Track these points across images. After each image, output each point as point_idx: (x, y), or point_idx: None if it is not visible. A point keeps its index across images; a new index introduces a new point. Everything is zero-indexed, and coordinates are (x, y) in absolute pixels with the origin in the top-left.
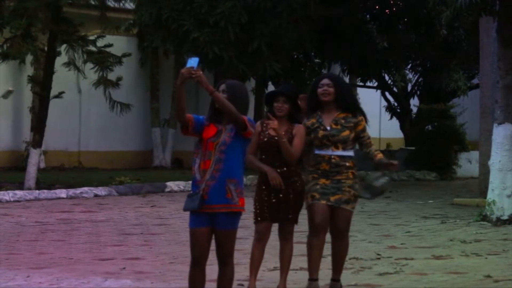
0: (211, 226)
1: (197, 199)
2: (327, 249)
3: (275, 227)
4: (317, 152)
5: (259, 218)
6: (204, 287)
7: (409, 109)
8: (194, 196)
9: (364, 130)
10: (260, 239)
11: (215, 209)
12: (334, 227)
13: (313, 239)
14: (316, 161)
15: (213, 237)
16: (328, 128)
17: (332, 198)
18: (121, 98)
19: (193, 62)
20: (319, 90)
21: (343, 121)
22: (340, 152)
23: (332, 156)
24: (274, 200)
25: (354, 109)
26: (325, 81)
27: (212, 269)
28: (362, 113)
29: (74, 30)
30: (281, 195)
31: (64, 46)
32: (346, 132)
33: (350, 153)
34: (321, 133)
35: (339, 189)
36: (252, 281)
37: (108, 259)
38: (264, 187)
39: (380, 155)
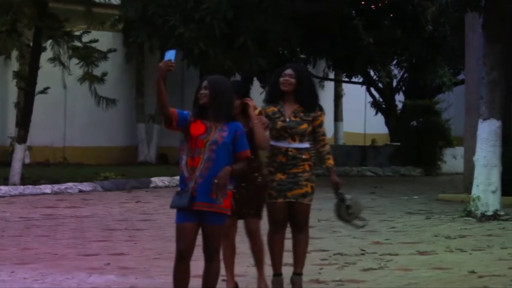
0: (198, 222)
1: (186, 196)
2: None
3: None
4: (273, 143)
5: None
6: (189, 282)
7: (394, 105)
8: (183, 194)
9: (320, 125)
10: (225, 235)
11: (200, 206)
12: (293, 221)
13: (273, 235)
14: (272, 153)
15: (200, 233)
16: (287, 119)
17: (289, 194)
18: (106, 93)
19: (170, 55)
20: (281, 79)
21: (302, 114)
22: (297, 145)
23: (289, 149)
24: (237, 197)
25: (311, 105)
26: (289, 71)
27: (196, 265)
28: (321, 109)
29: (60, 26)
30: (243, 191)
31: (49, 41)
32: (304, 125)
33: (307, 145)
34: (280, 124)
35: (296, 184)
36: (229, 277)
37: (92, 255)
38: None
39: (330, 162)
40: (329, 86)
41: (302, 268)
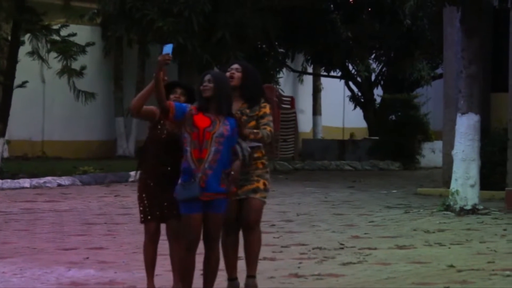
0: (203, 212)
1: (195, 187)
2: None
3: None
4: None
5: (149, 217)
6: (194, 270)
7: (373, 99)
8: (191, 185)
9: (263, 116)
10: (152, 239)
11: (212, 197)
12: (244, 220)
13: (225, 238)
14: None
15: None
16: None
17: (239, 191)
18: (85, 87)
19: (168, 49)
20: (227, 73)
21: (247, 111)
22: (247, 144)
23: None
24: (164, 198)
25: (254, 100)
26: (234, 65)
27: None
28: (266, 101)
29: (38, 19)
30: (166, 194)
31: (27, 35)
32: (252, 123)
33: (258, 143)
34: None
35: (247, 180)
36: (150, 282)
37: (71, 249)
38: (152, 184)
39: (256, 131)
40: (308, 80)
41: (255, 270)
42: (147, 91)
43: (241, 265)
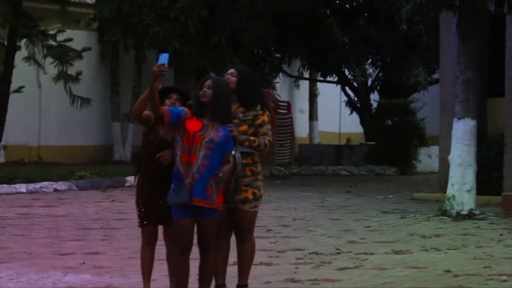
0: (194, 217)
1: (185, 192)
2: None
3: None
4: None
5: (145, 222)
6: (189, 274)
7: (369, 104)
8: (181, 190)
9: (261, 125)
10: (149, 243)
11: (197, 202)
12: (235, 229)
13: (216, 241)
14: None
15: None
16: None
17: (229, 199)
18: (81, 92)
19: (163, 58)
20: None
21: (241, 114)
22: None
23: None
24: (160, 202)
25: (250, 102)
26: (230, 70)
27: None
28: (263, 109)
29: (34, 25)
30: (165, 198)
31: (24, 40)
32: (244, 127)
33: (248, 149)
34: None
35: (235, 189)
36: (146, 286)
37: (68, 254)
38: (148, 189)
39: (252, 139)
40: (304, 85)
41: (246, 280)
42: (145, 97)
43: (235, 272)
